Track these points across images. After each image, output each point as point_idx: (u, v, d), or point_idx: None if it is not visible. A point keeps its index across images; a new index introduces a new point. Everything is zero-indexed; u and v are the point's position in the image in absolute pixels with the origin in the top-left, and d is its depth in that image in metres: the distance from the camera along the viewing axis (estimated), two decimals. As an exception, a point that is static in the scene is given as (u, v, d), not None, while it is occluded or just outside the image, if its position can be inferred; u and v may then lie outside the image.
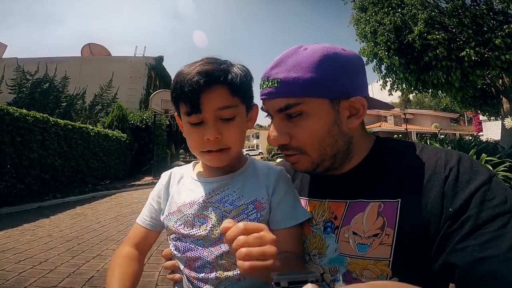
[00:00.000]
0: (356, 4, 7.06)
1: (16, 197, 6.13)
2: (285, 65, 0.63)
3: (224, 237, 0.50)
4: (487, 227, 0.48)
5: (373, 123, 29.87)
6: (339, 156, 0.67)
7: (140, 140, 13.31)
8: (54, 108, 14.63)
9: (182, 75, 0.64)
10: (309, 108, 0.63)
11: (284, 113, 0.65)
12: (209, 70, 0.63)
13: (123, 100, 15.98)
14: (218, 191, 0.70)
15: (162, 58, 22.77)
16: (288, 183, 0.75)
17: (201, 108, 0.63)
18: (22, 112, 6.39)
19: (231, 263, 0.65)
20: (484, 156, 4.41)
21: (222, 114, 0.65)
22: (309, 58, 0.62)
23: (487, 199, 0.51)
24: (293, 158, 0.69)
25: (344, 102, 0.64)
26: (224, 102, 0.64)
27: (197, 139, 0.67)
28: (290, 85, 0.61)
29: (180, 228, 0.68)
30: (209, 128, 0.64)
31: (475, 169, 0.56)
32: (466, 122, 39.09)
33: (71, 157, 8.26)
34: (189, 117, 0.65)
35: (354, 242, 0.62)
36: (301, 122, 0.64)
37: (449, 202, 0.53)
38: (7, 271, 2.74)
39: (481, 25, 5.23)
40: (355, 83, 0.65)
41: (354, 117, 0.66)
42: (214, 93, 0.63)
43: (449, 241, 0.50)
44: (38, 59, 18.22)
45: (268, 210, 0.69)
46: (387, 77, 7.11)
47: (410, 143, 0.71)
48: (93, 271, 2.78)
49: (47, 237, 3.97)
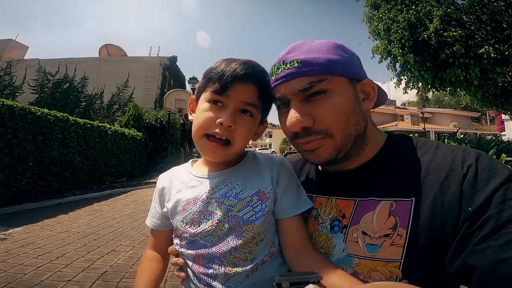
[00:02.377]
0: (369, 1, 6.93)
1: (37, 193, 6.39)
2: (301, 50, 0.65)
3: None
4: (509, 227, 0.46)
5: (389, 122, 29.15)
6: (359, 139, 0.66)
7: (155, 138, 13.56)
8: (74, 107, 15.17)
9: (227, 62, 0.68)
10: (332, 85, 0.62)
11: (304, 94, 0.63)
12: (254, 66, 0.68)
13: (139, 100, 16.38)
14: (221, 186, 0.70)
15: (175, 58, 23.06)
16: (290, 172, 0.75)
17: (228, 92, 0.65)
18: (43, 111, 6.65)
19: (239, 259, 0.65)
20: (504, 156, 4.24)
21: (243, 107, 0.68)
22: (323, 45, 0.65)
23: (508, 198, 0.48)
24: (316, 144, 0.65)
25: (358, 84, 0.67)
26: (251, 99, 0.67)
27: (209, 119, 0.67)
28: (312, 63, 0.62)
29: (188, 227, 0.69)
30: (227, 114, 0.66)
31: (494, 167, 0.54)
32: (488, 121, 37.56)
33: (89, 155, 8.50)
34: (212, 95, 0.67)
35: (363, 242, 0.60)
36: (324, 101, 0.63)
37: (468, 201, 0.51)
38: (25, 265, 2.87)
39: (499, 22, 5.02)
40: (362, 69, 0.69)
41: (367, 100, 0.68)
42: (246, 86, 0.66)
43: (468, 242, 0.48)
44: (58, 60, 18.85)
45: (272, 200, 0.69)
46: (402, 75, 6.94)
47: (424, 140, 0.69)
48: (106, 266, 2.89)
49: (65, 232, 4.13)
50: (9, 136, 5.59)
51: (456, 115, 33.03)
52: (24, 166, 6.01)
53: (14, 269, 2.75)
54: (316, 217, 0.72)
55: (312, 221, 0.72)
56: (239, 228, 0.65)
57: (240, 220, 0.65)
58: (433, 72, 5.95)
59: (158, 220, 0.80)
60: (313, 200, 0.75)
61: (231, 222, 0.65)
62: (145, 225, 0.85)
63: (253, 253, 0.65)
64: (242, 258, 0.65)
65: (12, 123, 5.67)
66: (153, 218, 0.81)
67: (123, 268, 2.86)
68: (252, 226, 0.65)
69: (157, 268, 0.79)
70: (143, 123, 13.27)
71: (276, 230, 0.71)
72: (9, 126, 5.62)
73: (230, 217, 0.66)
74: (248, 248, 0.65)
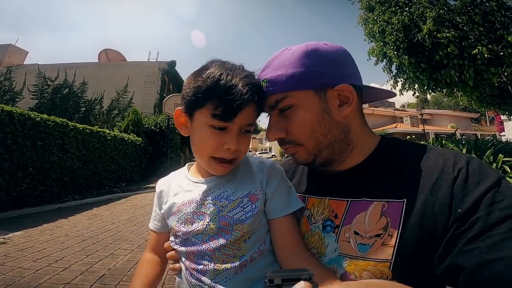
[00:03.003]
0: (363, 4, 7.00)
1: (37, 198, 6.42)
2: (272, 66, 0.69)
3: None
4: (497, 229, 0.47)
5: (388, 124, 29.17)
6: (336, 145, 0.68)
7: (154, 143, 13.61)
8: (73, 113, 15.16)
9: (225, 77, 0.63)
10: (296, 100, 0.66)
11: (277, 109, 0.70)
12: (256, 85, 0.66)
13: (138, 104, 16.40)
14: (214, 189, 0.73)
15: (174, 62, 23.11)
16: (281, 174, 0.77)
17: (234, 119, 0.64)
18: (42, 117, 6.70)
19: (228, 255, 0.67)
20: (501, 157, 4.23)
21: (246, 128, 0.70)
22: (291, 57, 0.66)
23: (497, 201, 0.50)
24: (291, 150, 0.72)
25: (330, 91, 0.66)
26: (253, 120, 0.69)
27: (215, 144, 0.67)
28: (276, 82, 0.66)
29: (181, 227, 0.72)
30: (233, 138, 0.66)
31: (484, 171, 0.55)
32: (487, 122, 37.57)
33: (89, 160, 8.54)
34: (213, 120, 0.65)
35: (355, 242, 0.61)
36: (292, 115, 0.67)
37: (458, 203, 0.52)
38: (24, 268, 2.90)
39: (492, 22, 5.07)
40: (338, 73, 0.66)
41: (345, 105, 0.67)
42: (250, 109, 0.67)
43: (456, 243, 0.49)
44: (58, 65, 18.89)
45: (262, 201, 0.71)
46: (398, 77, 6.98)
47: (417, 144, 0.71)
48: (104, 270, 2.91)
49: (64, 236, 4.16)
50: (8, 141, 5.64)
51: (455, 116, 33.02)
52: (24, 171, 6.05)
53: (13, 272, 2.77)
54: (309, 217, 0.73)
55: (305, 221, 0.74)
56: (229, 227, 0.67)
57: (231, 220, 0.68)
58: (428, 74, 5.98)
59: (159, 222, 0.82)
60: (306, 200, 0.77)
61: (222, 221, 0.68)
62: (144, 229, 0.88)
63: (242, 250, 0.68)
64: (231, 254, 0.67)
65: (11, 128, 5.72)
66: (154, 220, 0.84)
67: (121, 272, 2.88)
68: (242, 225, 0.67)
69: (155, 271, 0.80)
70: (143, 128, 13.33)
71: (268, 229, 0.73)
72: (9, 132, 5.67)
73: (221, 217, 0.68)
74: (237, 245, 0.68)
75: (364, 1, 7.01)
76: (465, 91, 6.34)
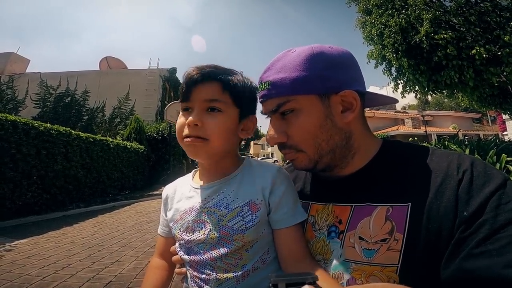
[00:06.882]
0: (360, 7, 7.05)
1: (42, 206, 6.46)
2: (275, 68, 0.67)
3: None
4: (504, 231, 0.46)
5: (390, 127, 29.14)
6: (338, 151, 0.67)
7: (157, 151, 13.64)
8: (76, 121, 15.32)
9: (186, 72, 0.71)
10: (298, 105, 0.65)
11: (278, 113, 0.68)
12: (205, 68, 0.69)
13: (140, 112, 16.50)
14: (213, 196, 0.72)
15: (175, 69, 23.13)
16: (287, 182, 0.73)
17: (190, 96, 0.69)
18: (46, 126, 6.76)
19: (230, 264, 0.66)
20: (505, 156, 4.20)
21: (209, 105, 0.69)
22: (296, 59, 0.65)
23: (503, 203, 0.49)
24: (291, 156, 0.70)
25: (334, 97, 0.65)
26: (212, 96, 0.68)
27: (180, 124, 0.70)
28: (279, 85, 0.65)
29: (183, 235, 0.72)
30: (192, 114, 0.68)
31: (489, 173, 0.55)
32: (489, 122, 37.46)
33: (92, 169, 8.58)
34: (181, 105, 0.71)
35: (360, 247, 0.60)
36: (294, 119, 0.66)
37: (464, 205, 0.52)
38: (31, 275, 2.91)
39: (488, 23, 5.11)
40: (343, 77, 0.65)
41: (349, 112, 0.66)
42: (205, 86, 0.68)
43: (463, 246, 0.48)
44: (60, 73, 18.97)
45: (265, 211, 0.69)
46: (398, 79, 7.01)
47: (419, 146, 0.70)
48: (111, 276, 2.92)
49: (70, 244, 4.17)
50: (13, 150, 5.70)
51: (457, 116, 32.91)
52: (29, 180, 6.10)
53: (20, 279, 2.79)
54: (313, 224, 0.72)
55: (309, 228, 0.72)
56: (229, 237, 0.66)
57: (230, 230, 0.67)
58: (428, 75, 5.99)
59: (166, 227, 0.83)
60: (310, 207, 0.75)
61: (222, 231, 0.67)
62: (149, 236, 0.90)
63: (243, 259, 0.67)
64: (233, 264, 0.67)
65: (15, 138, 5.79)
66: (162, 225, 0.85)
67: (127, 278, 2.89)
68: (242, 235, 0.66)
69: (163, 276, 0.80)
70: (145, 136, 13.37)
71: (272, 238, 0.71)
72: (13, 141, 5.72)
73: (221, 227, 0.67)
74: (238, 254, 0.67)
75: (361, 4, 7.07)
76: (465, 92, 6.35)
